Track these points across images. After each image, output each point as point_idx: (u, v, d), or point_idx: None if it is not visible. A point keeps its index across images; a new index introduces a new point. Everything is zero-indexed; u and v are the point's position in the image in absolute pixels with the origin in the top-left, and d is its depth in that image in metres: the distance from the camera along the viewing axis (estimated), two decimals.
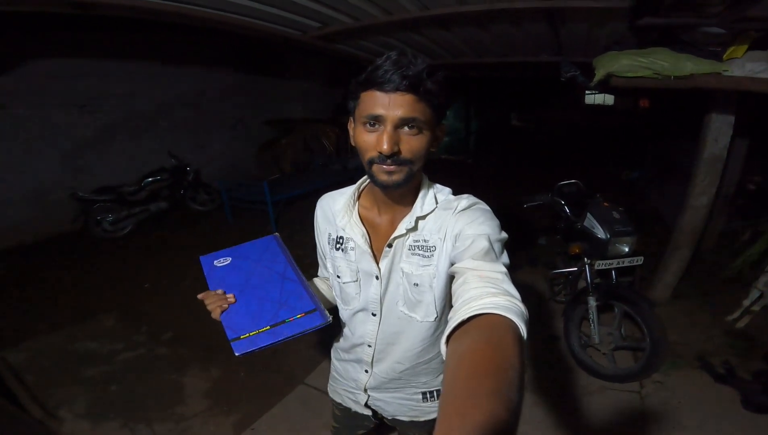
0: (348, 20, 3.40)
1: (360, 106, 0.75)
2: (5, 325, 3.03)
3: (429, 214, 0.86)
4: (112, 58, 5.05)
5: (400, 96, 0.70)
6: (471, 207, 0.84)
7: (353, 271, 0.92)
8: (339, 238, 0.94)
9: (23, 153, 4.54)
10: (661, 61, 2.14)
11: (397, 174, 0.76)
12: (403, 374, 0.98)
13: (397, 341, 0.94)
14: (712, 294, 3.20)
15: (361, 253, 0.90)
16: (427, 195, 0.88)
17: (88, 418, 2.22)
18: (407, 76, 0.68)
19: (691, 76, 2.14)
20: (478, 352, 0.48)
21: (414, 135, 0.74)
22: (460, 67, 5.39)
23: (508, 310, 0.56)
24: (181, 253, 4.44)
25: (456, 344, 0.54)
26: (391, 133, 0.71)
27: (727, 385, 2.27)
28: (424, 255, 0.84)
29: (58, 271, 3.99)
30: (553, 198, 2.86)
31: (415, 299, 0.87)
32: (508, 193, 6.54)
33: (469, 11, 2.99)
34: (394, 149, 0.72)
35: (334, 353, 1.16)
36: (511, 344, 0.50)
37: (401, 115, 0.71)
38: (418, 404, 1.04)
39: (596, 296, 2.40)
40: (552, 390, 2.39)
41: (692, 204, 2.85)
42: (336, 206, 0.94)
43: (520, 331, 0.54)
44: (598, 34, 3.28)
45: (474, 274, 0.67)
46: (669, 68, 2.13)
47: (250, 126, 7.17)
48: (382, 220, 0.90)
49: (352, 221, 0.90)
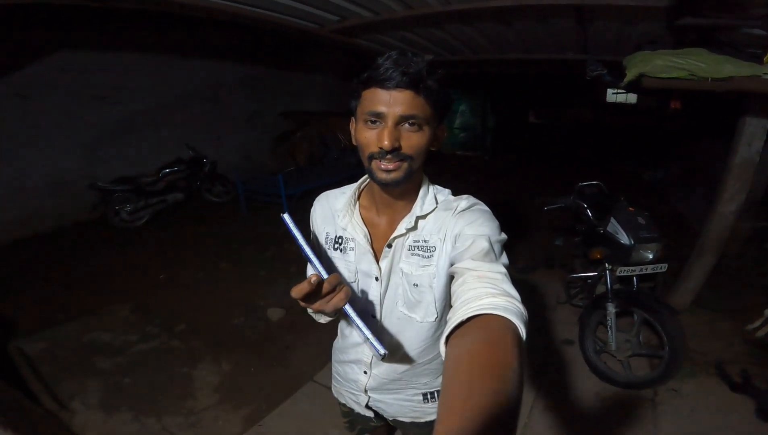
0: (367, 14, 3.34)
1: (362, 104, 0.75)
2: (23, 314, 3.09)
3: (429, 214, 0.86)
4: (131, 51, 5.10)
5: (401, 93, 0.70)
6: (471, 208, 0.84)
7: (352, 271, 0.92)
8: (338, 238, 0.93)
9: (44, 143, 4.62)
10: (698, 63, 2.03)
11: (397, 171, 0.76)
12: (404, 375, 0.98)
13: (397, 343, 0.94)
14: (734, 301, 3.11)
15: (362, 253, 0.89)
16: (427, 195, 0.88)
17: (100, 410, 2.25)
18: (408, 73, 0.69)
19: (730, 78, 2.03)
20: (477, 353, 0.49)
21: (414, 131, 0.74)
22: (479, 63, 5.28)
23: (507, 311, 0.56)
24: (196, 244, 4.48)
25: (455, 344, 0.54)
26: (391, 129, 0.72)
27: (743, 394, 2.22)
28: (423, 255, 0.84)
29: (76, 260, 4.06)
30: (575, 201, 2.78)
31: (415, 300, 0.87)
32: (524, 191, 6.44)
33: (494, 6, 2.90)
34: (394, 145, 0.72)
35: (333, 354, 1.15)
36: (509, 345, 0.50)
37: (402, 111, 0.71)
38: (419, 405, 1.03)
39: (616, 303, 2.33)
40: (564, 395, 2.36)
41: (720, 210, 2.75)
42: (336, 205, 0.94)
43: (519, 331, 0.55)
44: (629, 32, 3.16)
45: (473, 274, 0.67)
46: (707, 70, 2.02)
47: (266, 118, 7.20)
48: (381, 220, 0.90)
49: (354, 221, 0.90)
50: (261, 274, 3.71)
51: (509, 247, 0.81)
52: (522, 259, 4.01)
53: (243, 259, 4.07)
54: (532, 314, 3.07)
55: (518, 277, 3.69)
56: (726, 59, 2.05)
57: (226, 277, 3.75)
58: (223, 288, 3.57)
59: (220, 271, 3.89)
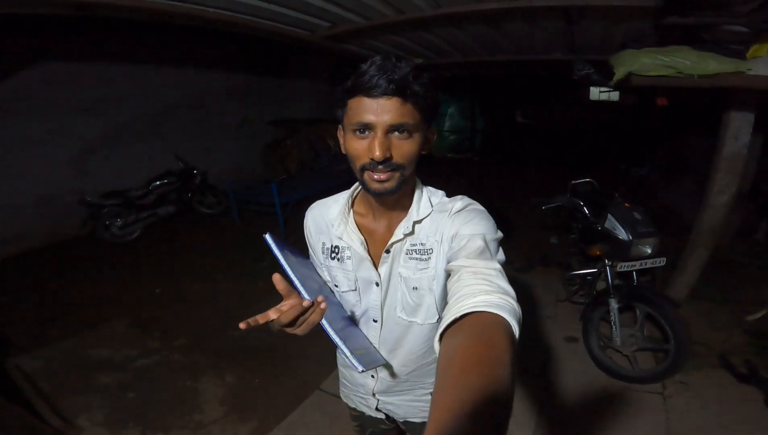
0: (359, 19, 3.35)
1: (348, 113, 0.74)
2: (18, 332, 3.01)
3: (425, 218, 0.86)
4: (116, 60, 5.00)
5: (389, 100, 0.69)
6: (466, 208, 0.84)
7: (351, 279, 0.92)
8: (334, 248, 0.93)
9: (29, 158, 4.49)
10: (684, 60, 2.09)
11: (390, 181, 0.75)
12: (410, 376, 0.99)
13: (400, 345, 0.94)
14: (729, 292, 3.17)
15: (360, 260, 0.89)
16: (422, 198, 0.88)
17: (106, 426, 2.20)
18: (393, 80, 0.68)
19: (716, 75, 2.09)
20: (469, 350, 0.49)
21: (405, 139, 0.74)
22: (468, 65, 5.34)
23: (501, 308, 0.56)
24: (191, 257, 4.42)
25: (448, 342, 0.54)
26: (382, 139, 0.71)
27: (750, 385, 2.25)
28: (421, 258, 0.85)
29: (69, 276, 3.97)
30: (571, 199, 2.82)
31: (414, 303, 0.88)
32: (515, 191, 6.52)
33: (484, 9, 2.94)
34: (386, 155, 0.72)
35: (339, 359, 1.15)
36: (502, 342, 0.50)
37: (390, 120, 0.70)
38: (428, 405, 1.04)
39: (618, 298, 2.37)
40: (573, 392, 2.37)
41: (711, 203, 2.79)
42: (330, 214, 0.93)
43: (512, 329, 0.55)
44: (614, 32, 3.23)
45: (468, 271, 0.67)
46: (692, 67, 2.08)
47: (255, 127, 7.13)
48: (378, 226, 0.90)
49: (349, 229, 0.89)
50: (259, 285, 3.68)
51: (505, 247, 0.82)
52: (518, 258, 4.04)
53: (239, 270, 4.03)
54: (533, 313, 3.12)
55: (516, 276, 3.72)
56: (710, 56, 2.11)
57: (223, 289, 3.70)
58: (221, 300, 3.52)
59: (216, 282, 3.84)
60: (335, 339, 0.74)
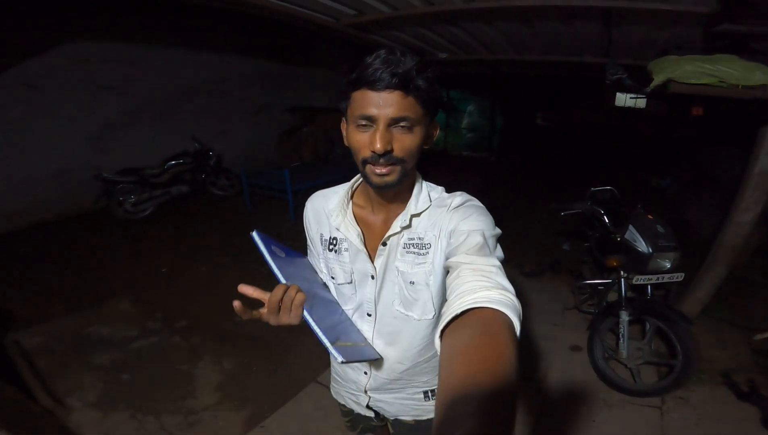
0: (385, 9, 3.25)
1: (352, 105, 0.75)
2: (22, 306, 3.03)
3: (423, 212, 0.86)
4: (140, 42, 5.05)
5: (391, 94, 0.70)
6: (465, 204, 0.84)
7: (347, 272, 0.92)
8: (332, 239, 0.93)
9: (51, 132, 4.58)
10: (729, 69, 1.98)
11: (391, 175, 0.76)
12: (404, 374, 0.98)
13: (396, 341, 0.94)
14: (741, 311, 3.07)
15: (356, 252, 0.89)
16: (421, 193, 0.88)
17: (97, 407, 2.19)
18: (397, 73, 0.68)
19: (761, 86, 1.96)
20: (472, 347, 0.49)
21: (406, 133, 0.74)
22: (493, 63, 5.20)
23: (502, 304, 0.56)
24: (199, 238, 4.43)
25: (450, 339, 0.54)
26: (383, 132, 0.72)
27: (749, 403, 2.21)
28: (419, 253, 0.85)
29: (77, 250, 4.01)
30: (591, 206, 2.73)
31: (412, 298, 0.87)
32: (531, 194, 6.38)
33: (519, 5, 2.82)
34: (387, 148, 0.72)
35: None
36: (504, 338, 0.50)
37: (392, 113, 0.71)
38: (420, 403, 1.04)
39: (629, 311, 2.29)
40: (571, 401, 2.33)
41: (736, 220, 2.68)
42: (329, 205, 0.93)
43: (514, 325, 0.55)
44: (655, 37, 3.07)
45: (467, 267, 0.67)
46: (737, 77, 1.97)
47: (272, 113, 7.14)
48: (377, 219, 0.90)
49: (347, 220, 0.90)
50: (263, 271, 3.65)
51: (516, 251, 0.76)
52: (529, 263, 3.94)
53: (246, 255, 4.01)
54: (539, 319, 3.04)
55: (525, 281, 3.64)
56: (757, 66, 2.00)
57: (229, 273, 3.69)
58: (225, 284, 3.50)
59: (222, 266, 3.84)
60: (314, 328, 0.74)
